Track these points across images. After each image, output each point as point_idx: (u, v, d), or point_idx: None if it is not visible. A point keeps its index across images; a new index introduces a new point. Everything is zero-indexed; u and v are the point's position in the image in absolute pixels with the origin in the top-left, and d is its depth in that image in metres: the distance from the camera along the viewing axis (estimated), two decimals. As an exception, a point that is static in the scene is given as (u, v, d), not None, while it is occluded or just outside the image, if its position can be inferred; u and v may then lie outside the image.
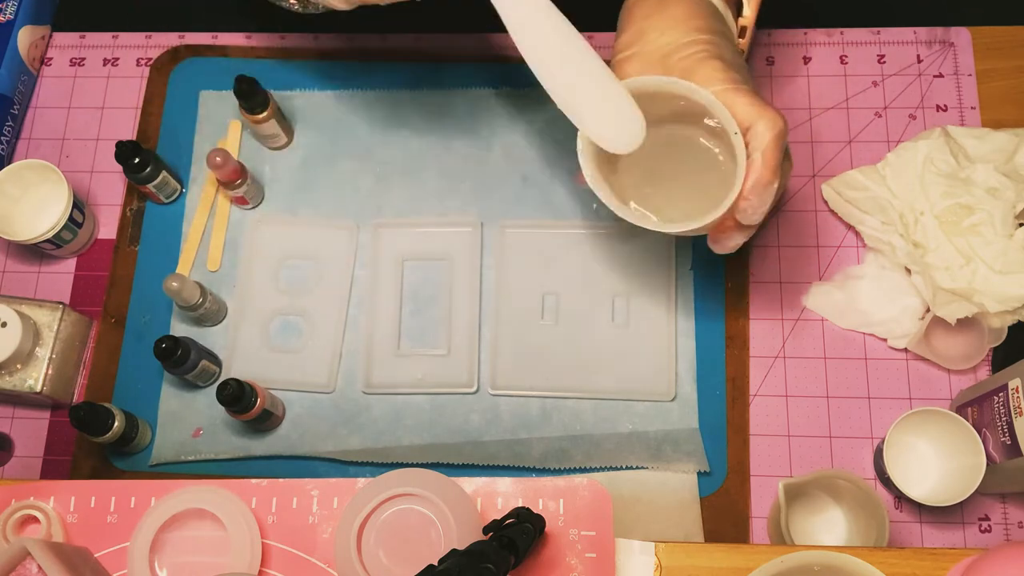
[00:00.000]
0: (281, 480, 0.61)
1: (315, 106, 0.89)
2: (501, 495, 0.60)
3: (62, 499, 0.61)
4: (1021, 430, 0.66)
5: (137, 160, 0.80)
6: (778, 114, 0.60)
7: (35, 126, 0.91)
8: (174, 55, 0.92)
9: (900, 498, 0.75)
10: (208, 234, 0.85)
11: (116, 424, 0.75)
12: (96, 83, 0.92)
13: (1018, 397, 0.67)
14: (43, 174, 0.83)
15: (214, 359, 0.80)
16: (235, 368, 0.81)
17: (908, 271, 0.80)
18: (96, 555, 0.59)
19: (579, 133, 0.62)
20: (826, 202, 0.83)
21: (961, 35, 0.88)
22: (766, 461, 0.77)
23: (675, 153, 0.66)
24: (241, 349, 0.82)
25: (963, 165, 0.79)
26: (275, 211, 0.86)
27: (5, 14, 0.89)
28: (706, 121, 0.64)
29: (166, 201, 0.86)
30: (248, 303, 0.83)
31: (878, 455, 0.75)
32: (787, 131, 0.60)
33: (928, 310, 0.78)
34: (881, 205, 0.79)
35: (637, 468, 0.77)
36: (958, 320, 0.74)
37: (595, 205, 0.84)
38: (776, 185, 0.60)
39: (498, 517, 0.55)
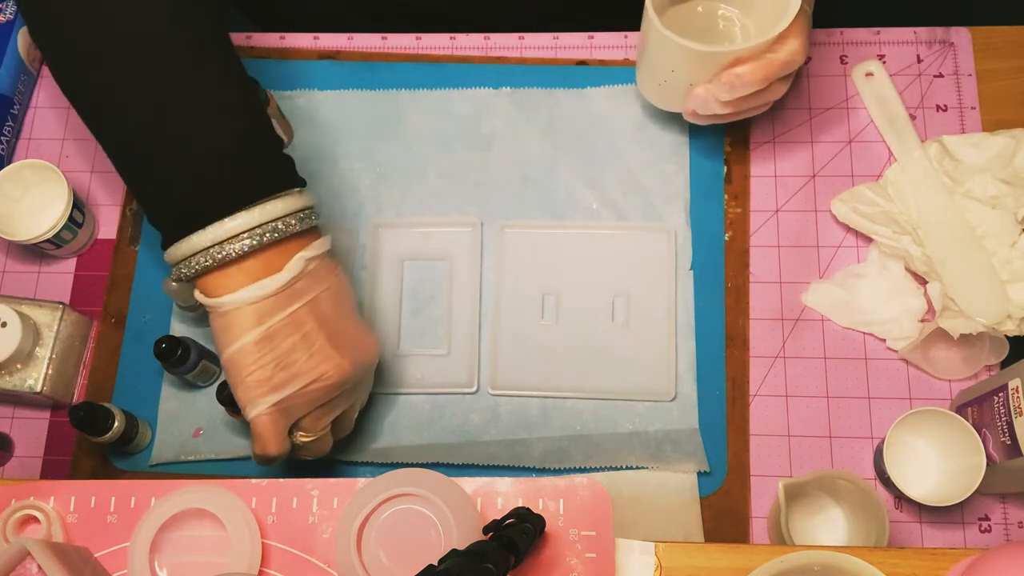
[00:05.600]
0: (281, 480, 0.61)
1: (315, 106, 0.89)
2: (501, 495, 0.60)
3: (62, 499, 0.61)
4: (1021, 430, 0.66)
5: (137, 160, 0.80)
6: (803, 50, 0.71)
7: (35, 126, 0.90)
8: (174, 55, 0.91)
9: (900, 498, 0.75)
10: (208, 234, 0.85)
11: (116, 424, 0.75)
12: (96, 83, 0.92)
13: (1018, 397, 0.67)
14: (43, 174, 0.83)
15: (214, 359, 0.80)
16: (235, 368, 0.81)
17: (915, 275, 0.80)
18: (96, 555, 0.59)
19: None
20: (835, 216, 0.82)
21: (961, 35, 0.88)
22: (766, 461, 0.77)
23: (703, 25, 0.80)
24: (241, 349, 0.82)
25: (960, 180, 0.79)
26: (275, 211, 0.86)
27: (5, 14, 0.89)
28: None
29: (166, 201, 0.86)
30: (248, 303, 0.83)
31: (878, 455, 0.75)
32: (800, 62, 0.71)
33: (925, 317, 0.78)
34: (893, 218, 0.79)
35: (637, 468, 0.77)
36: (960, 335, 0.74)
37: (595, 205, 0.84)
38: (760, 84, 0.71)
39: (498, 517, 0.55)
